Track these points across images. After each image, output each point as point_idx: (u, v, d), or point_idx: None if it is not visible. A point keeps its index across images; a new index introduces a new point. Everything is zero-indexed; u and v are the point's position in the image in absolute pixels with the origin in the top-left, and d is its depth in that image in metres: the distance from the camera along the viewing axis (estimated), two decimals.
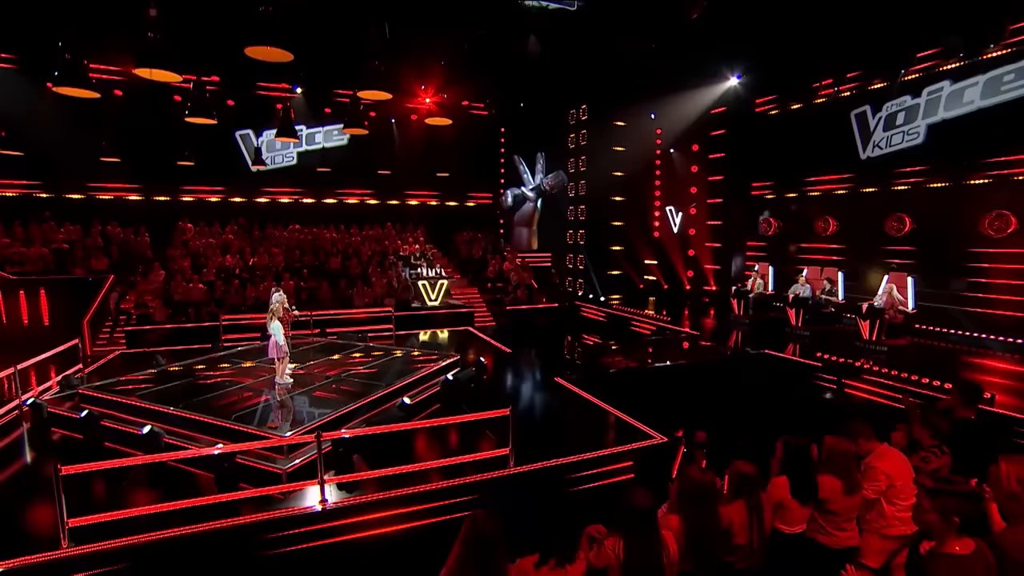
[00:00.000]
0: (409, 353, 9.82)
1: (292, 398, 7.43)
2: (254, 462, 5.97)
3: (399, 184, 20.66)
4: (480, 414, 6.44)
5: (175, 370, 8.80)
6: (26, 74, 15.26)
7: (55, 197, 16.57)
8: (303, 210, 19.47)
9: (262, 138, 18.83)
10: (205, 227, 17.19)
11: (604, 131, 18.68)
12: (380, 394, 7.68)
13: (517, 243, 21.13)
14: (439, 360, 9.33)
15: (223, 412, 6.74)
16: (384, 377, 8.26)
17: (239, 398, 7.34)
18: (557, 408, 8.47)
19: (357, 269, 16.21)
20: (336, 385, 8.04)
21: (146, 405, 7.07)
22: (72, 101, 15.42)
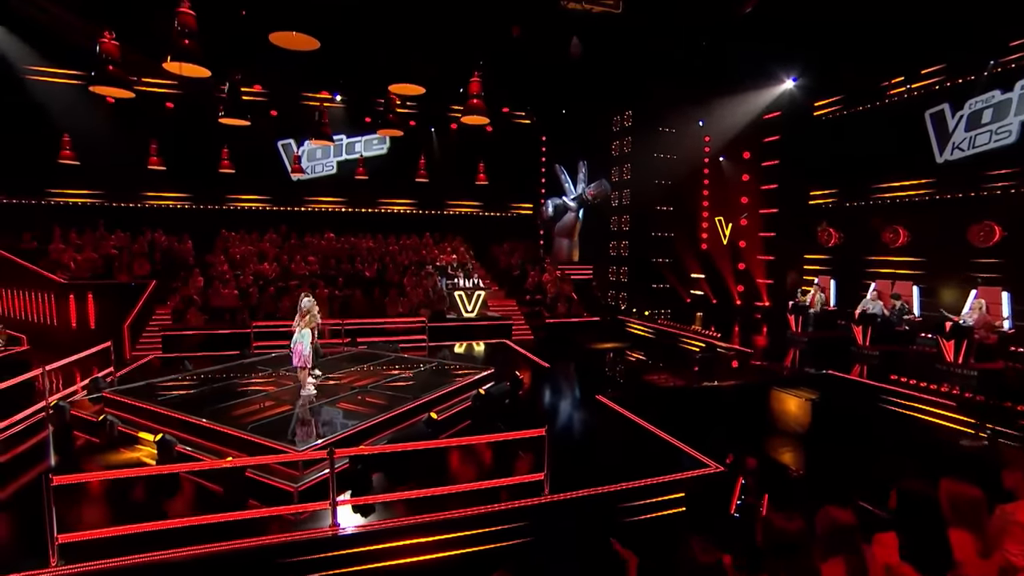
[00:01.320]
0: (441, 365, 9.46)
1: (314, 409, 7.06)
2: (265, 477, 5.54)
3: (438, 193, 20.53)
4: (513, 433, 5.87)
5: (200, 376, 8.67)
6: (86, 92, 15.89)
7: (111, 206, 17.29)
8: (342, 219, 19.58)
9: (303, 147, 19.02)
10: (245, 235, 17.42)
11: (649, 138, 17.94)
12: (407, 408, 7.25)
13: (557, 254, 20.53)
14: (472, 373, 8.90)
15: (239, 422, 6.42)
16: (412, 390, 7.86)
17: (260, 407, 7.03)
18: (598, 428, 7.87)
19: (393, 278, 16.02)
20: (362, 396, 7.68)
21: (164, 411, 6.85)
22: (128, 115, 16.26)
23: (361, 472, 5.86)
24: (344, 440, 6.18)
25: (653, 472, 6.07)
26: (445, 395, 7.99)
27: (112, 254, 14.53)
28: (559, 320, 16.06)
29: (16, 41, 13.86)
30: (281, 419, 6.64)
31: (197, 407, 6.89)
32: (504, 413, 7.99)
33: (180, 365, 9.27)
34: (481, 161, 19.86)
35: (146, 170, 16.76)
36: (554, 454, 5.62)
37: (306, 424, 6.58)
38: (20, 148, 15.18)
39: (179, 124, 16.90)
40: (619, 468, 6.16)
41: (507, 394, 8.72)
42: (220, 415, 6.65)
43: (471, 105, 9.53)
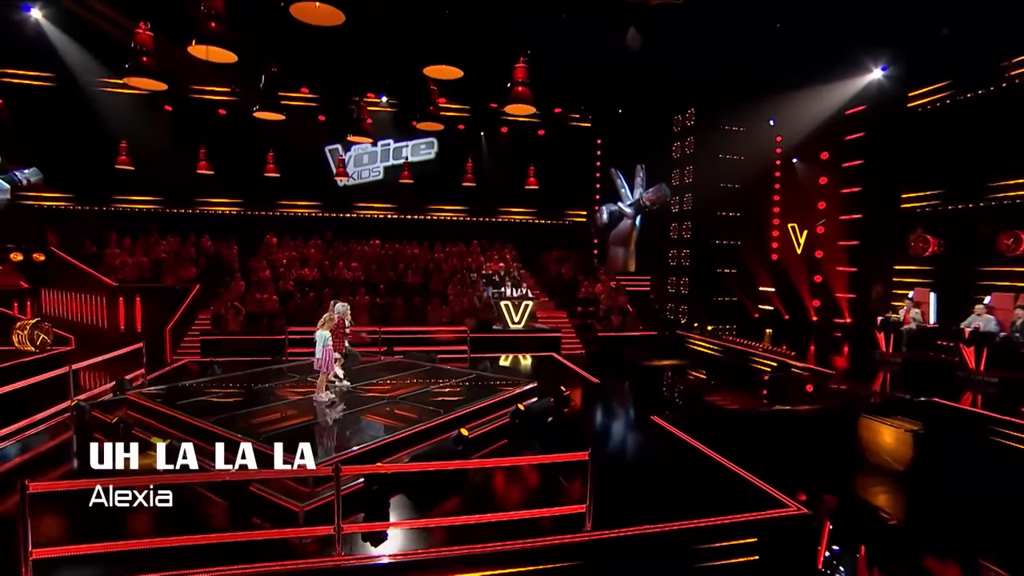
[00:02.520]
0: (480, 377, 9.00)
1: (335, 420, 6.67)
2: (269, 494, 5.08)
3: (488, 200, 20.29)
4: (551, 456, 5.18)
5: (226, 381, 8.56)
6: (146, 99, 16.71)
7: (168, 212, 18.11)
8: (389, 225, 19.64)
9: (351, 152, 19.17)
10: (290, 240, 17.66)
11: (714, 138, 16.90)
12: (436, 422, 6.71)
13: (612, 264, 19.69)
14: (513, 387, 8.39)
15: (256, 431, 6.09)
16: (445, 403, 7.41)
17: (281, 416, 6.69)
18: (652, 454, 7.12)
19: (437, 287, 15.82)
20: (391, 408, 7.25)
21: (181, 416, 6.65)
22: (184, 123, 16.95)
23: (376, 494, 5.29)
24: (362, 456, 5.70)
25: (718, 509, 5.18)
26: (481, 410, 7.46)
27: (162, 258, 14.92)
28: (612, 334, 15.28)
29: (84, 53, 14.64)
30: (298, 430, 6.27)
31: (215, 413, 6.66)
32: (546, 432, 7.44)
33: (209, 369, 9.22)
34: (533, 166, 19.41)
35: (200, 178, 17.37)
36: (600, 482, 4.87)
37: (323, 436, 6.17)
38: (88, 158, 15.99)
39: (230, 131, 17.40)
40: (676, 502, 5.35)
41: (550, 411, 8.05)
42: (234, 422, 6.37)
43: (516, 93, 9.00)
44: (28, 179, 15.31)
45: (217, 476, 4.66)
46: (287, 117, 17.71)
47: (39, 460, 6.49)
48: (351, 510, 4.99)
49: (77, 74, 15.35)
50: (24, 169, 15.27)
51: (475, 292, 15.44)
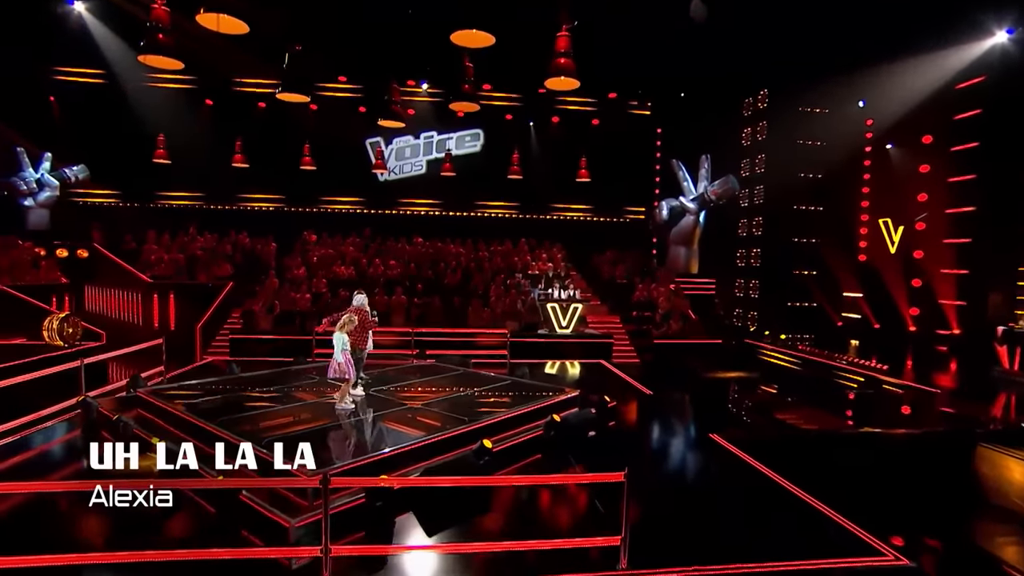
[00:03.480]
0: (517, 384, 8.70)
1: (349, 426, 6.47)
2: (260, 505, 4.75)
3: (537, 195, 19.88)
4: (582, 476, 4.64)
5: (242, 381, 8.52)
6: (187, 94, 17.33)
7: (210, 208, 18.76)
8: (434, 223, 19.59)
9: (392, 145, 19.22)
10: (327, 237, 17.81)
11: (790, 122, 15.71)
12: (459, 432, 6.32)
13: (672, 265, 18.68)
14: (552, 395, 7.93)
15: (261, 434, 5.88)
16: (472, 411, 7.03)
17: (293, 419, 6.58)
18: (709, 478, 6.50)
19: (478, 287, 15.53)
20: (412, 415, 6.94)
21: (185, 416, 6.55)
22: (224, 119, 17.46)
23: (379, 512, 4.85)
24: (368, 467, 5.32)
25: (789, 551, 4.41)
26: (513, 419, 7.06)
27: (198, 255, 15.33)
28: (670, 341, 14.45)
29: (127, 48, 15.32)
30: (302, 435, 5.94)
31: (220, 415, 6.53)
32: (586, 447, 7.00)
33: (227, 369, 9.28)
34: (586, 158, 18.79)
35: (240, 174, 17.87)
36: (644, 509, 4.25)
37: (330, 443, 5.93)
38: (133, 155, 16.73)
39: (269, 124, 17.82)
40: (737, 539, 4.62)
41: (591, 424, 7.57)
42: (238, 424, 6.22)
43: (558, 65, 8.44)
44: (76, 176, 16.14)
45: (194, 484, 4.34)
46: (327, 109, 18.22)
47: (36, 458, 6.52)
48: (351, 528, 4.68)
49: (121, 70, 16.06)
50: (72, 166, 16.09)
51: (520, 294, 15.08)
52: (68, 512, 5.01)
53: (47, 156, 15.69)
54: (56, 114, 16.60)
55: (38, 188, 15.49)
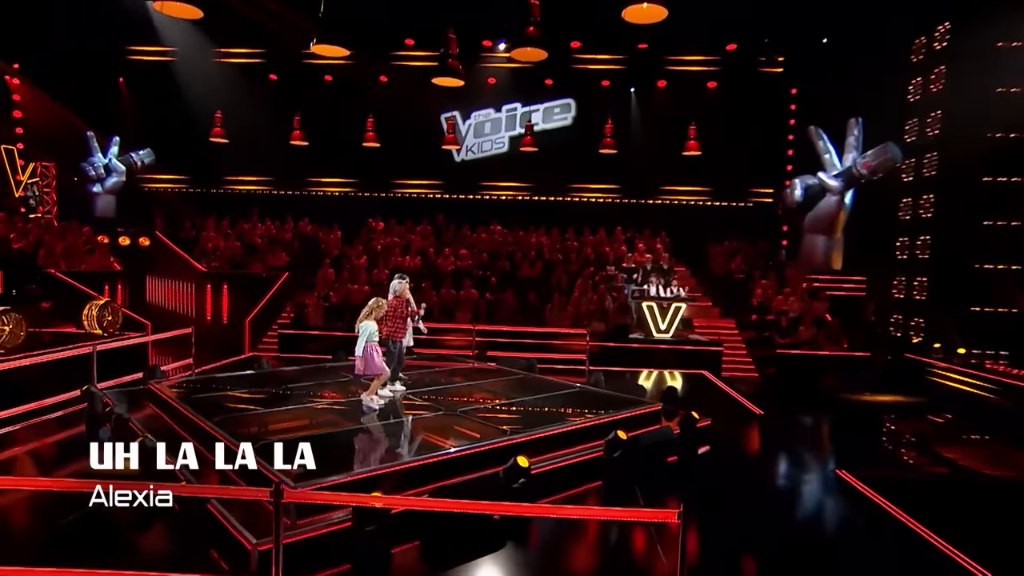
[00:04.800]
0: (585, 392, 8.42)
1: (367, 430, 6.43)
2: (227, 520, 4.55)
3: (639, 175, 19.01)
4: (621, 510, 4.01)
5: (268, 377, 8.64)
6: (251, 69, 18.31)
7: (276, 194, 19.80)
8: (515, 208, 19.41)
9: (470, 120, 19.18)
10: (395, 225, 18.09)
11: (982, 64, 13.43)
12: (496, 445, 5.93)
13: (807, 258, 16.96)
14: (627, 409, 7.44)
15: (264, 435, 5.97)
16: (525, 421, 6.74)
17: (310, 423, 6.57)
18: (828, 527, 5.78)
19: (562, 281, 15.09)
20: (449, 423, 6.70)
21: (186, 411, 6.59)
22: (288, 97, 18.19)
23: (371, 539, 4.41)
24: (363, 483, 4.93)
25: None
26: (568, 435, 6.56)
27: (256, 243, 16.02)
28: (801, 352, 13.11)
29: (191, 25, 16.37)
30: (312, 437, 5.67)
31: (226, 413, 6.67)
32: (662, 476, 6.61)
33: (255, 364, 9.50)
34: (700, 129, 17.61)
35: (309, 157, 18.57)
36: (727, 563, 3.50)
37: (336, 448, 5.77)
38: (199, 138, 17.83)
39: (337, 100, 18.34)
40: None
41: (671, 446, 6.95)
42: (243, 424, 6.34)
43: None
44: (142, 160, 17.49)
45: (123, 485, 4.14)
46: (397, 80, 18.48)
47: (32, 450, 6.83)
48: (331, 560, 4.45)
49: (186, 47, 17.21)
50: (139, 150, 17.47)
51: (610, 290, 14.60)
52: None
53: (115, 140, 17.12)
54: (124, 96, 18.13)
55: (105, 174, 16.94)
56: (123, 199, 17.35)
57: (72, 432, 7.28)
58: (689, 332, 14.03)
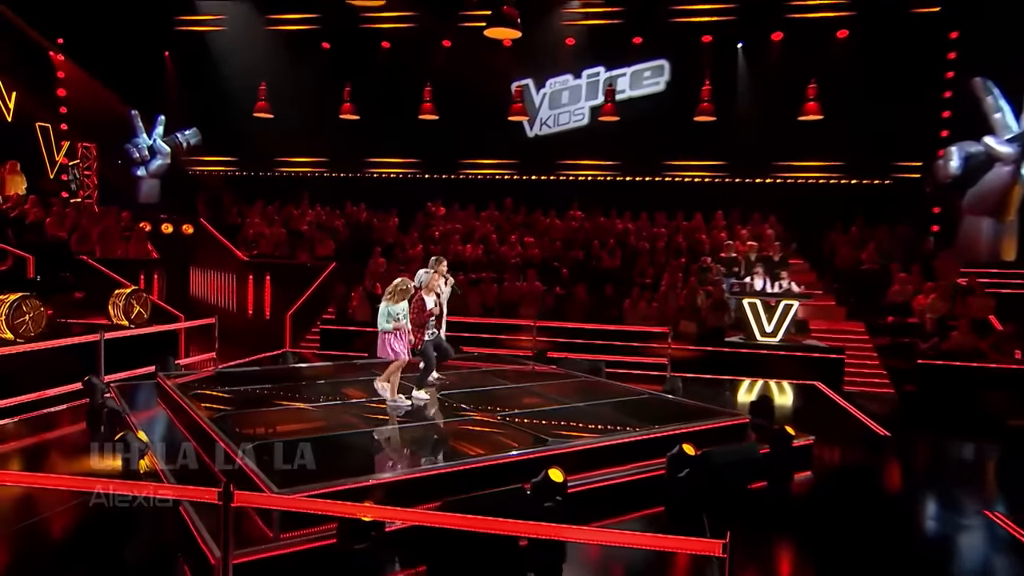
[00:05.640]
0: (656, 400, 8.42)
1: (388, 432, 6.66)
2: (196, 530, 4.61)
3: (745, 149, 18.25)
4: (659, 538, 3.86)
5: (292, 374, 8.96)
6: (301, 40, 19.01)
7: (332, 176, 20.59)
8: (598, 189, 19.30)
9: (545, 88, 19.12)
10: (459, 210, 18.30)
11: None
12: (529, 456, 5.82)
13: (967, 245, 15.86)
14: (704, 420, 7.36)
15: (254, 436, 6.09)
16: (573, 429, 6.77)
17: (323, 426, 6.74)
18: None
19: (646, 273, 15.02)
20: (482, 430, 6.84)
21: (188, 407, 6.86)
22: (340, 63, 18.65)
23: (362, 561, 4.39)
24: (370, 492, 4.98)
25: None
26: (623, 448, 6.40)
27: (302, 231, 16.62)
28: (952, 363, 12.17)
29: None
30: (316, 440, 5.99)
31: (238, 409, 7.03)
32: (741, 503, 6.31)
33: (280, 359, 9.92)
34: (822, 88, 16.62)
35: (367, 135, 19.13)
36: None
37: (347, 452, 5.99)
38: (248, 117, 18.67)
39: (394, 72, 18.71)
40: None
41: (755, 467, 6.61)
42: (246, 422, 6.56)
43: None
44: (188, 141, 18.53)
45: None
46: (461, 45, 18.57)
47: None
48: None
49: (234, 17, 18.04)
50: (184, 130, 18.50)
51: (703, 284, 14.32)
52: None
53: (160, 120, 18.19)
54: (169, 71, 19.25)
55: (150, 156, 18.03)
56: (167, 183, 18.38)
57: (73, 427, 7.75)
58: (804, 336, 13.58)
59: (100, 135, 18.06)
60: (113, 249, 14.36)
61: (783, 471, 6.77)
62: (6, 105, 16.93)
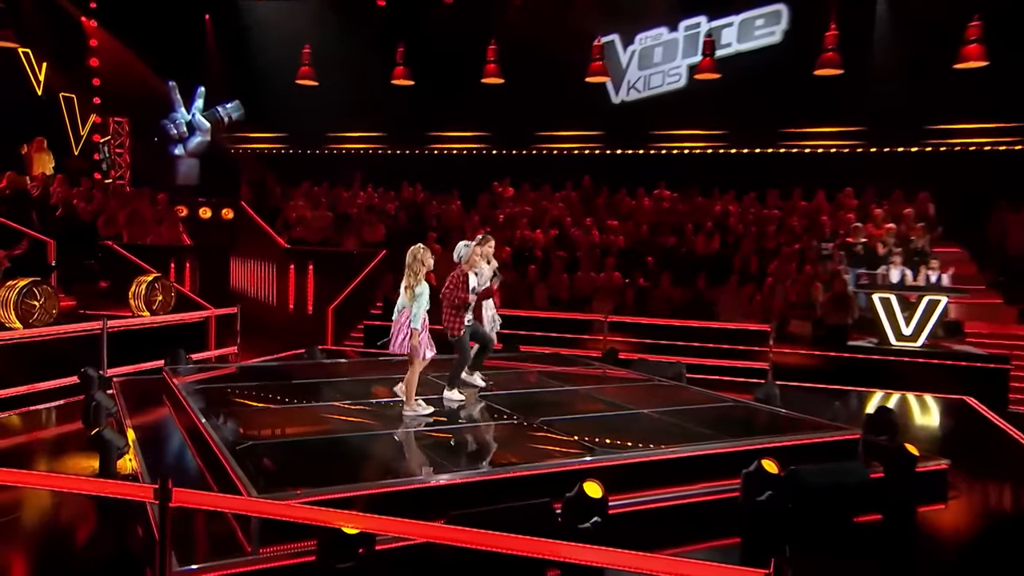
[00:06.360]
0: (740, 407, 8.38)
1: (402, 436, 6.71)
2: (156, 534, 4.47)
3: (884, 111, 17.38)
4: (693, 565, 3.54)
5: (307, 371, 9.21)
6: None
7: (388, 153, 21.15)
8: (694, 162, 19.08)
9: (634, 45, 18.89)
10: (530, 190, 18.33)
11: None
12: (570, 467, 5.68)
13: None
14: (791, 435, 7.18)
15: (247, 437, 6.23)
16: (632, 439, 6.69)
17: (331, 428, 6.90)
18: None
19: (750, 262, 14.94)
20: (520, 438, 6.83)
21: (187, 404, 6.99)
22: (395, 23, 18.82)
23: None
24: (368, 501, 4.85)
25: None
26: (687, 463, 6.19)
27: (351, 213, 16.92)
28: None
29: None
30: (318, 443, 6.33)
31: (241, 408, 7.29)
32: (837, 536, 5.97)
33: (307, 353, 10.24)
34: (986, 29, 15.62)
35: (431, 107, 19.41)
36: None
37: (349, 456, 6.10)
38: (296, 88, 19.17)
39: (459, 31, 18.76)
40: None
41: (862, 493, 6.19)
42: (246, 422, 6.80)
43: None
44: (230, 115, 19.13)
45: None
46: None
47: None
48: None
49: None
50: (226, 103, 19.11)
51: (821, 275, 14.17)
52: None
53: (200, 92, 18.82)
54: (209, 38, 19.94)
55: (188, 132, 18.72)
56: (207, 163, 19.07)
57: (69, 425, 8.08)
58: (956, 340, 13.27)
59: (134, 110, 19.00)
60: (142, 234, 14.97)
61: (902, 501, 6.28)
62: (36, 78, 17.97)
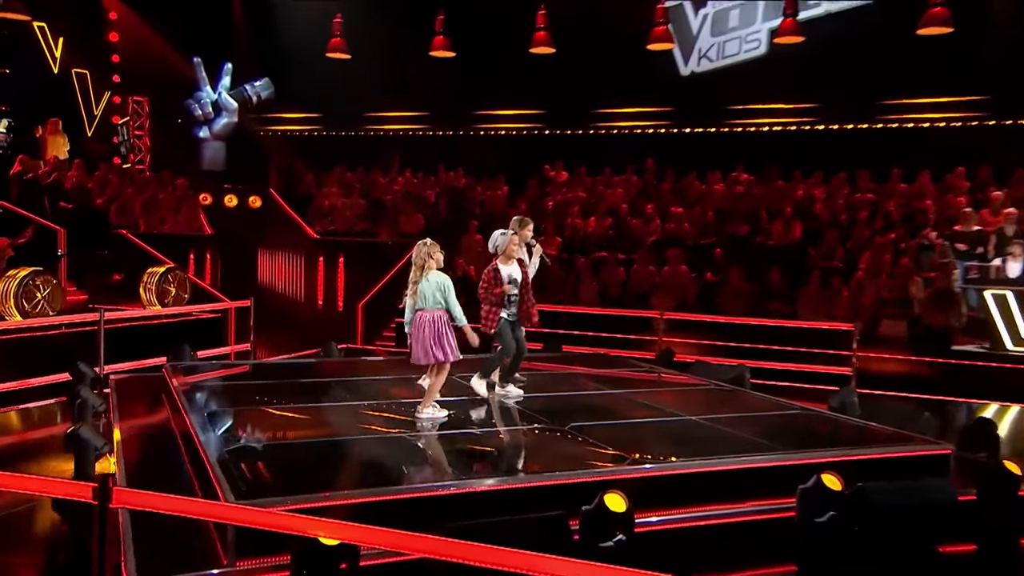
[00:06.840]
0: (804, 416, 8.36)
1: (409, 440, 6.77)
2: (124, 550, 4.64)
3: (1006, 76, 16.71)
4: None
5: (320, 370, 9.49)
6: None
7: (431, 134, 21.36)
8: (773, 140, 18.92)
9: (705, 9, 18.76)
10: (586, 174, 18.31)
11: None
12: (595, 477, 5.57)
13: None
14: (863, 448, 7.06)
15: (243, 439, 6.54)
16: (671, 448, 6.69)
17: (333, 431, 7.11)
18: None
19: (835, 254, 14.87)
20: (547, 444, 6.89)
21: (180, 402, 7.23)
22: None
23: None
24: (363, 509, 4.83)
25: None
26: (735, 476, 6.13)
27: (385, 201, 17.06)
28: None
29: None
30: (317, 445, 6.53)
31: (240, 407, 7.46)
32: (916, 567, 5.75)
33: (322, 350, 10.46)
34: None
35: (476, 83, 19.37)
36: None
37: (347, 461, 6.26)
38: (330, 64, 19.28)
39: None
40: None
41: (946, 516, 5.87)
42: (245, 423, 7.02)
43: None
44: (258, 94, 19.34)
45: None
46: None
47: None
48: None
49: None
50: (255, 81, 19.34)
51: (921, 269, 14.05)
52: None
53: (227, 69, 19.03)
54: (237, 10, 20.19)
55: (214, 113, 18.99)
56: (234, 146, 19.35)
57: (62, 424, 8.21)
58: None
59: (155, 88, 19.41)
60: (158, 222, 15.27)
61: (1001, 528, 5.91)
62: (52, 54, 18.39)
